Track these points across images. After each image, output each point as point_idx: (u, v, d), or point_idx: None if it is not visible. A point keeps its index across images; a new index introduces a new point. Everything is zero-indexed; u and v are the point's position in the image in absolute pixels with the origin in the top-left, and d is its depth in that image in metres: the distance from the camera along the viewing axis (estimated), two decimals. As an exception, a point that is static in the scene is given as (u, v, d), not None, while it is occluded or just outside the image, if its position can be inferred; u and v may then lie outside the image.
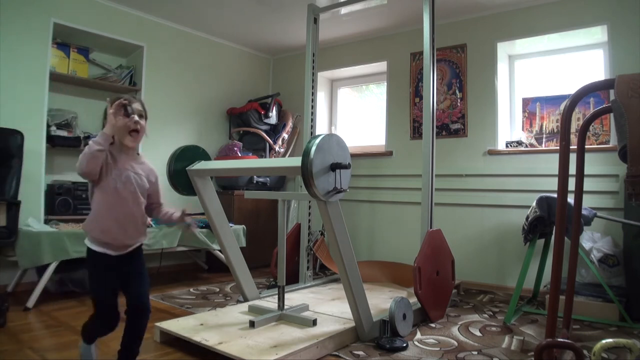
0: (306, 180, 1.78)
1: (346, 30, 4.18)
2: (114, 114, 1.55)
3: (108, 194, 1.54)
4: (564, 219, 1.45)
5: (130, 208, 1.58)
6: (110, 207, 1.54)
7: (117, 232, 1.54)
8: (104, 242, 1.53)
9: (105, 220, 1.54)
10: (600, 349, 1.42)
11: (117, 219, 1.55)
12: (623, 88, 1.25)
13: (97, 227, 1.54)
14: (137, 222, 1.61)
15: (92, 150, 1.48)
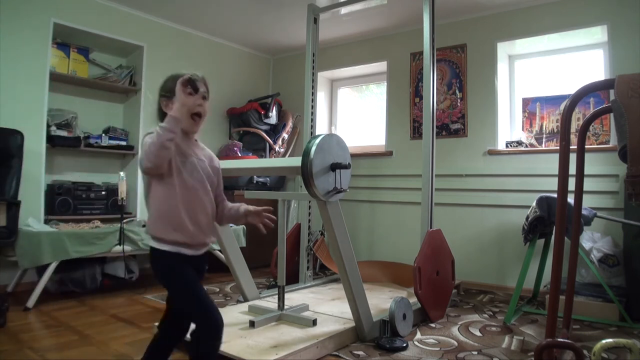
0: (306, 180, 1.78)
1: (346, 30, 4.18)
2: (182, 92, 1.32)
3: (174, 186, 1.32)
4: (564, 219, 1.45)
5: (201, 199, 1.37)
6: (179, 200, 1.32)
7: (192, 228, 1.33)
8: (177, 242, 1.32)
9: (176, 216, 1.31)
10: (600, 349, 1.42)
11: (188, 213, 1.32)
12: (623, 88, 1.25)
13: (167, 226, 1.31)
14: (208, 215, 1.40)
15: (162, 140, 1.22)
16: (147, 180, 1.35)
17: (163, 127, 1.24)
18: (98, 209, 3.45)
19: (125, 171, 3.57)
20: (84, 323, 2.39)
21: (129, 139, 3.79)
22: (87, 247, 2.83)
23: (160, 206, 1.33)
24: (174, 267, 1.33)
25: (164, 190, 1.32)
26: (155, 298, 2.97)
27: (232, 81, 4.63)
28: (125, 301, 2.89)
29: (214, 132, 4.48)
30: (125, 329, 2.31)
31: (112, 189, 3.52)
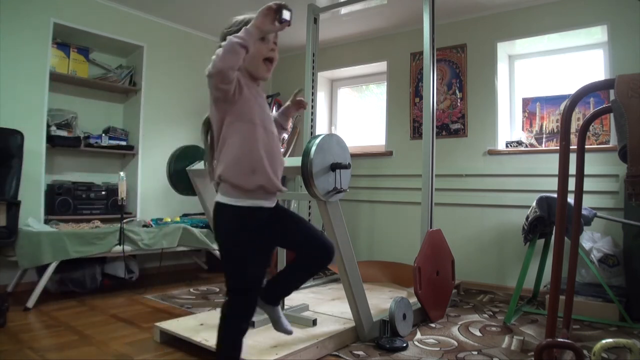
0: (306, 180, 1.78)
1: (346, 30, 4.18)
2: (264, 15, 1.20)
3: (255, 125, 1.24)
4: (564, 219, 1.45)
5: (275, 142, 1.31)
6: (258, 139, 1.23)
7: (270, 171, 1.24)
8: (257, 186, 1.22)
9: (256, 157, 1.22)
10: (600, 349, 1.42)
11: (268, 154, 1.24)
12: (623, 88, 1.25)
13: (246, 168, 1.21)
14: (281, 161, 1.33)
15: (232, 43, 1.14)
16: (219, 118, 1.24)
17: (234, 35, 1.17)
18: (98, 209, 3.45)
19: (125, 171, 3.58)
20: (84, 323, 2.39)
21: (129, 139, 3.79)
22: (87, 247, 2.83)
23: (237, 147, 1.22)
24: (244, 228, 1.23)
25: (244, 128, 1.22)
26: (155, 298, 2.97)
27: (232, 81, 4.63)
28: (125, 301, 2.89)
29: (214, 132, 4.48)
30: (125, 329, 2.31)
31: (112, 189, 3.52)
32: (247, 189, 1.21)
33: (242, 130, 1.22)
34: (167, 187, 2.51)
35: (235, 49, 1.14)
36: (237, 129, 1.22)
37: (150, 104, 3.86)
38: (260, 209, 1.24)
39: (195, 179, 2.42)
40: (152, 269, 3.71)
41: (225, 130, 1.24)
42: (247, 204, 1.22)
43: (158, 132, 3.91)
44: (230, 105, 1.22)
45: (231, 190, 1.22)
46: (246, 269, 1.24)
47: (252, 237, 1.23)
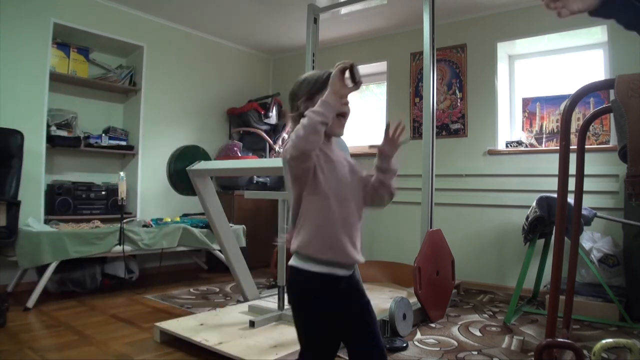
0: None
1: (346, 30, 4.18)
2: (339, 80, 1.15)
3: (328, 197, 1.16)
4: (564, 219, 1.45)
5: (353, 211, 1.21)
6: (335, 213, 1.16)
7: (347, 245, 1.15)
8: (333, 261, 1.14)
9: (333, 233, 1.15)
10: (600, 349, 1.42)
11: (344, 228, 1.16)
12: (623, 88, 1.25)
13: (322, 244, 1.15)
14: (358, 228, 1.23)
15: (314, 123, 1.09)
16: (297, 193, 1.20)
17: (314, 110, 1.10)
18: (98, 209, 3.45)
19: (125, 171, 3.57)
20: (84, 323, 2.39)
21: (129, 139, 3.79)
22: (87, 247, 2.83)
23: (315, 221, 1.16)
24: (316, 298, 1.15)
25: (317, 202, 1.16)
26: (155, 298, 2.97)
27: (232, 81, 4.63)
28: (125, 301, 2.89)
29: (214, 132, 4.48)
30: (125, 329, 2.31)
31: (112, 189, 3.52)
32: (325, 261, 1.14)
33: (315, 204, 1.16)
34: (167, 187, 2.51)
35: (317, 129, 1.09)
36: (311, 203, 1.17)
37: (150, 104, 3.86)
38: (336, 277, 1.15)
39: (195, 179, 2.42)
40: (152, 269, 3.71)
41: (301, 206, 1.19)
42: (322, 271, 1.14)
43: (158, 132, 3.91)
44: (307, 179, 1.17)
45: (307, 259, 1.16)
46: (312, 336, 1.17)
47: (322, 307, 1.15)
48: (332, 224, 1.15)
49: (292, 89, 1.31)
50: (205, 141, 4.13)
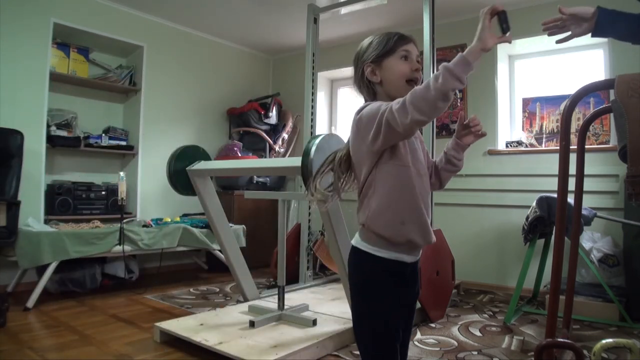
0: (306, 180, 1.78)
1: (346, 30, 4.18)
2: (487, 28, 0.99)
3: (409, 168, 1.06)
4: (564, 219, 1.45)
5: (428, 188, 1.13)
6: (412, 187, 1.05)
7: (424, 223, 1.06)
8: (407, 239, 1.04)
9: (411, 205, 1.05)
10: (600, 349, 1.42)
11: (424, 202, 1.07)
12: (623, 88, 1.25)
13: (396, 216, 1.04)
14: (430, 208, 1.13)
15: (448, 87, 0.93)
16: (372, 161, 1.06)
17: (450, 70, 0.94)
18: (98, 209, 3.45)
19: (125, 171, 3.57)
20: (84, 323, 2.39)
21: (129, 139, 3.79)
22: (87, 247, 2.83)
23: (392, 190, 1.04)
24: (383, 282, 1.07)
25: (397, 171, 1.05)
26: (155, 298, 2.97)
27: (232, 81, 4.63)
28: (125, 301, 2.89)
29: (214, 132, 4.48)
30: (125, 329, 2.31)
31: (112, 189, 3.52)
32: (395, 241, 1.05)
33: (394, 172, 1.05)
34: (167, 187, 2.51)
35: (449, 96, 0.94)
36: (389, 172, 1.05)
37: (150, 104, 3.86)
38: (402, 263, 1.07)
39: (195, 179, 2.42)
40: (152, 269, 3.71)
41: (374, 173, 1.06)
42: (387, 256, 1.05)
43: (158, 132, 3.91)
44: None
45: (374, 238, 1.06)
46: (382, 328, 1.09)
47: (389, 291, 1.08)
48: (412, 195, 1.05)
49: (357, 51, 1.19)
50: (205, 141, 4.13)
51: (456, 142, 1.19)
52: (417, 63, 1.12)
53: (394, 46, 1.11)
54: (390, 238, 1.04)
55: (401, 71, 1.10)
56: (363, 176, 1.09)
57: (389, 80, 1.11)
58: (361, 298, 1.12)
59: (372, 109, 1.03)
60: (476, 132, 1.18)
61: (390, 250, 1.05)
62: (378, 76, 1.12)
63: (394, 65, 1.10)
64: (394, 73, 1.10)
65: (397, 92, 1.09)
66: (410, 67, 1.10)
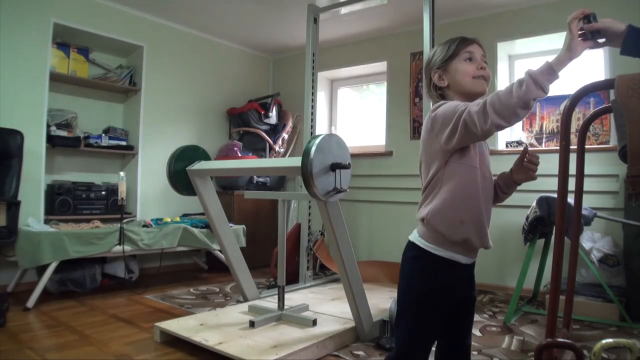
0: (306, 180, 1.78)
1: (346, 30, 4.18)
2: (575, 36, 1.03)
3: (475, 169, 1.07)
4: (564, 219, 1.45)
5: (491, 192, 1.13)
6: (477, 188, 1.07)
7: (483, 225, 1.08)
8: (463, 239, 1.05)
9: (470, 208, 1.06)
10: (600, 349, 1.42)
11: (485, 205, 1.08)
12: (623, 88, 1.25)
13: (456, 215, 1.05)
14: (490, 213, 1.14)
15: (530, 96, 0.94)
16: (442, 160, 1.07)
17: (535, 78, 0.95)
18: (98, 209, 3.45)
19: (125, 171, 3.57)
20: (84, 323, 2.39)
21: (129, 139, 3.79)
22: (87, 247, 2.83)
23: (456, 189, 1.05)
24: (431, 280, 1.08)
25: (464, 170, 1.06)
26: (155, 298, 2.97)
27: (232, 81, 4.63)
28: (125, 301, 2.89)
29: (214, 132, 4.48)
30: (125, 329, 2.31)
31: (112, 189, 3.52)
32: (451, 240, 1.06)
33: (461, 171, 1.06)
34: (167, 187, 2.51)
35: (530, 105, 0.95)
36: (456, 171, 1.06)
37: (150, 104, 3.86)
38: (456, 263, 1.08)
39: (195, 179, 2.42)
40: (152, 269, 3.71)
41: (442, 171, 1.08)
42: (442, 254, 1.06)
43: (158, 132, 3.91)
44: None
45: (432, 235, 1.08)
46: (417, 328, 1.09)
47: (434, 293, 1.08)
48: (475, 196, 1.07)
49: (425, 61, 1.22)
50: (205, 141, 4.13)
51: (509, 176, 1.22)
52: (483, 62, 1.14)
53: (456, 49, 1.13)
54: (448, 235, 1.06)
55: (466, 71, 1.12)
56: (431, 173, 1.10)
57: (457, 82, 1.13)
58: (406, 292, 1.12)
59: (447, 108, 1.05)
60: (527, 173, 1.19)
61: (445, 248, 1.07)
62: (445, 80, 1.15)
63: (459, 67, 1.12)
64: (460, 74, 1.12)
65: (466, 89, 1.13)
66: (476, 66, 1.13)
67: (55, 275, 2.86)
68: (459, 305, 1.14)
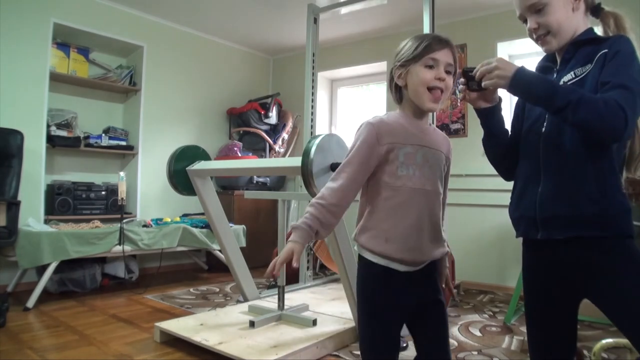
0: (306, 180, 1.78)
1: (346, 30, 4.18)
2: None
3: (400, 185, 1.05)
4: (564, 219, 1.45)
5: (432, 203, 1.08)
6: (402, 203, 1.04)
7: (413, 241, 1.04)
8: (392, 256, 1.04)
9: (395, 226, 1.04)
10: (600, 349, 1.42)
11: (414, 222, 1.05)
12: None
13: (378, 235, 1.05)
14: (438, 223, 1.10)
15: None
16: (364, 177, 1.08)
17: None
18: (98, 209, 3.45)
19: (125, 171, 3.57)
20: (84, 323, 2.39)
21: (129, 139, 3.79)
22: (87, 247, 2.83)
23: (376, 207, 1.07)
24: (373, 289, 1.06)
25: (387, 188, 1.06)
26: (155, 298, 2.97)
27: (232, 81, 4.63)
28: (125, 301, 2.89)
29: (214, 132, 4.48)
30: (125, 329, 2.31)
31: (112, 189, 3.52)
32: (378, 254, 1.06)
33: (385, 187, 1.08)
34: (167, 187, 2.51)
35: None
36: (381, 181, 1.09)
37: (150, 104, 3.86)
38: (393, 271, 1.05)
39: (195, 179, 2.42)
40: (152, 269, 3.71)
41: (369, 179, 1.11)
42: (380, 262, 1.05)
43: (158, 132, 3.91)
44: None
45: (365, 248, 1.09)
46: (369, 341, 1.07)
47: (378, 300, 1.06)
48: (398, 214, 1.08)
49: (397, 48, 1.16)
50: (205, 141, 4.13)
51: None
52: (445, 72, 1.09)
53: (421, 53, 1.07)
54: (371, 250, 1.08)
55: (424, 78, 1.07)
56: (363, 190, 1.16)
57: (412, 87, 1.09)
58: (361, 302, 1.10)
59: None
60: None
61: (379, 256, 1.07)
62: (404, 80, 1.11)
63: (419, 72, 1.07)
64: (417, 80, 1.08)
65: (416, 99, 1.10)
66: (434, 75, 1.08)
67: (55, 275, 2.86)
68: (413, 314, 1.09)
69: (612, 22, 1.06)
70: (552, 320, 1.05)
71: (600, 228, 0.95)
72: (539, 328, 1.07)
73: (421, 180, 1.07)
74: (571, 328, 1.05)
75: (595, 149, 0.96)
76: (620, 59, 0.97)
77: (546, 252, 1.03)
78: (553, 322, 1.05)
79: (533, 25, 1.17)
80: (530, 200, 1.03)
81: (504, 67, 1.05)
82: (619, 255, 0.95)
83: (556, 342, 1.05)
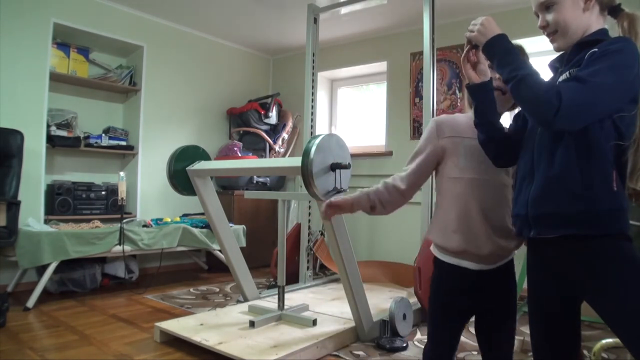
0: (306, 180, 1.78)
1: (346, 30, 4.18)
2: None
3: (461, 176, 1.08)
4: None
5: (497, 194, 1.08)
6: (462, 194, 1.06)
7: (477, 231, 1.04)
8: (458, 250, 1.05)
9: (458, 217, 1.05)
10: (600, 349, 1.42)
11: (477, 212, 1.05)
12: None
13: (444, 228, 1.07)
14: (504, 215, 1.08)
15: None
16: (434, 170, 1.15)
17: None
18: (98, 209, 3.45)
19: (125, 171, 3.58)
20: (84, 323, 2.39)
21: (129, 139, 3.79)
22: (87, 247, 2.83)
23: (440, 203, 1.10)
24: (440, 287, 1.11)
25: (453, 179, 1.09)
26: (155, 298, 2.97)
27: (232, 81, 4.63)
28: (125, 301, 2.89)
29: (214, 132, 4.48)
30: (125, 329, 2.31)
31: (112, 189, 3.52)
32: (449, 251, 1.09)
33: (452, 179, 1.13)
34: (167, 187, 2.51)
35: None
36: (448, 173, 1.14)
37: (150, 104, 3.86)
38: (462, 270, 1.07)
39: (195, 179, 2.42)
40: (152, 269, 3.71)
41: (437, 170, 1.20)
42: (450, 262, 1.08)
43: (158, 132, 3.91)
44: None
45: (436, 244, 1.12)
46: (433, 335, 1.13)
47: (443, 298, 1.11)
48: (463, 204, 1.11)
49: None
50: (205, 141, 4.13)
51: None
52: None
53: None
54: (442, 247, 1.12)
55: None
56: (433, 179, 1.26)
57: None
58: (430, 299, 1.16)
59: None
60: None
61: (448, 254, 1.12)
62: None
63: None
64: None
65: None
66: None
67: (55, 275, 2.86)
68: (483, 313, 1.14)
69: (626, 24, 1.03)
70: (554, 319, 1.06)
71: (588, 226, 0.94)
72: (541, 328, 1.07)
73: (482, 170, 1.08)
74: (574, 328, 1.06)
75: (585, 148, 0.96)
76: (600, 55, 0.95)
77: (546, 252, 1.04)
78: (555, 321, 1.06)
79: (542, 23, 1.19)
80: (523, 198, 1.03)
81: (488, 26, 1.10)
82: (611, 257, 0.95)
83: (559, 343, 1.05)
